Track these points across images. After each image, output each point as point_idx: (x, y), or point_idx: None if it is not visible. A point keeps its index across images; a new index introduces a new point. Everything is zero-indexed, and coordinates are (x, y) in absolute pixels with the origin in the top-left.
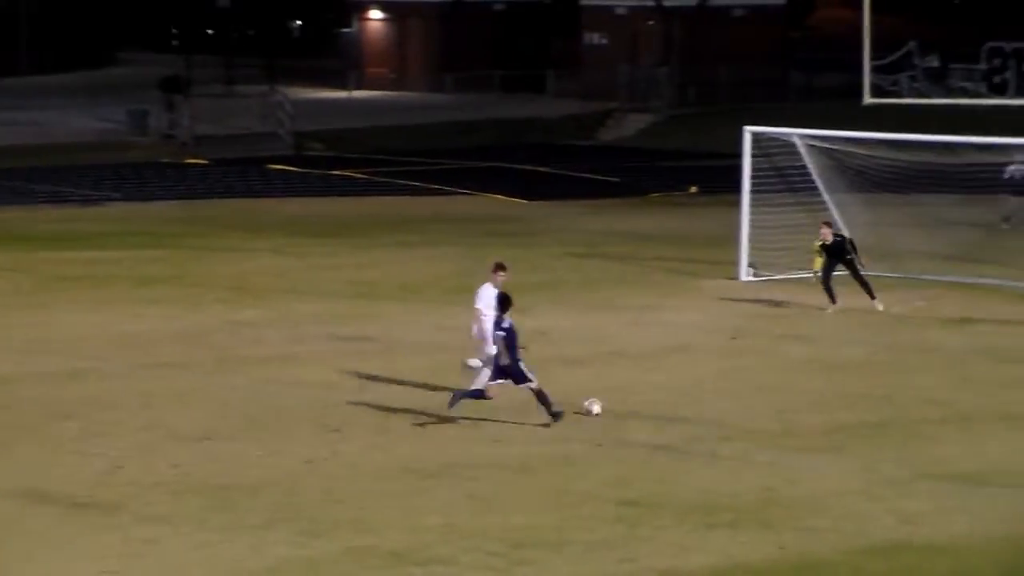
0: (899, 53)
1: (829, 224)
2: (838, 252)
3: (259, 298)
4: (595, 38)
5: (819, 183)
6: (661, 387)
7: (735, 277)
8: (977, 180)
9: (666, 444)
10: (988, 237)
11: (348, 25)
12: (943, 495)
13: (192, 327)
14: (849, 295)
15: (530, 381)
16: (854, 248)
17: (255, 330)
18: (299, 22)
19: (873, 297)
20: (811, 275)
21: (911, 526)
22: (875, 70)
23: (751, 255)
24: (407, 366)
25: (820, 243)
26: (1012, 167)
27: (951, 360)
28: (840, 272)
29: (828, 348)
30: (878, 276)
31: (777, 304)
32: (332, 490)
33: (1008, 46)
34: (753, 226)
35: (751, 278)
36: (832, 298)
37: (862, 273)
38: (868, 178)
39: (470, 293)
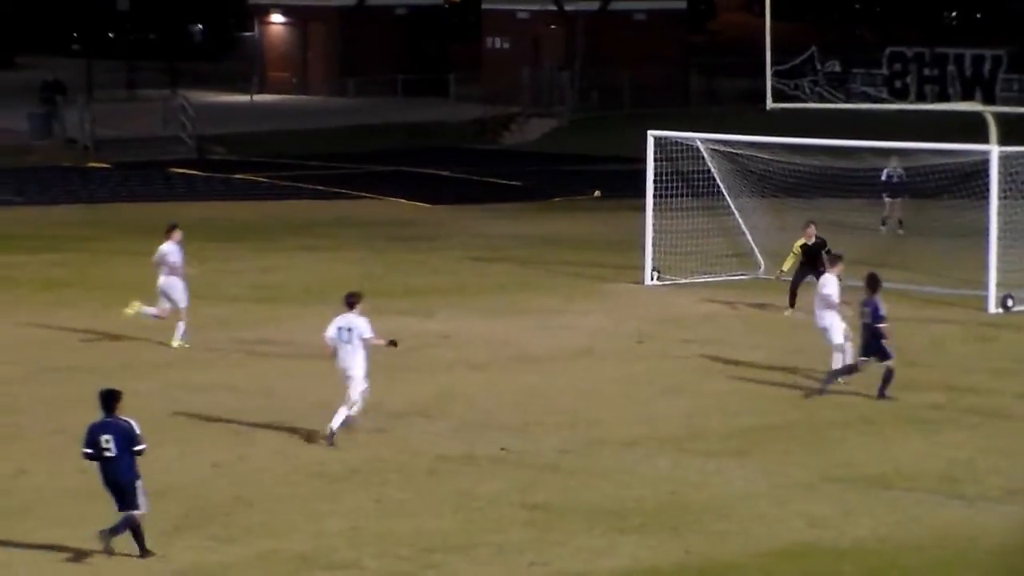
0: (801, 58)
1: (813, 224)
2: (814, 255)
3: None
4: (497, 42)
5: (722, 187)
6: (566, 391)
7: (639, 281)
8: (879, 184)
9: (572, 448)
10: (891, 241)
11: (250, 29)
12: (849, 498)
13: (95, 332)
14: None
15: (891, 358)
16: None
17: (157, 335)
18: (201, 26)
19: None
20: (778, 274)
21: (817, 529)
22: (777, 75)
23: (655, 259)
24: (311, 370)
25: (802, 243)
26: (888, 169)
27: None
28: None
29: (733, 352)
30: (785, 279)
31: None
32: (240, 495)
33: (909, 51)
34: (657, 230)
35: (655, 282)
36: (792, 302)
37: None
38: (771, 182)
39: (375, 297)
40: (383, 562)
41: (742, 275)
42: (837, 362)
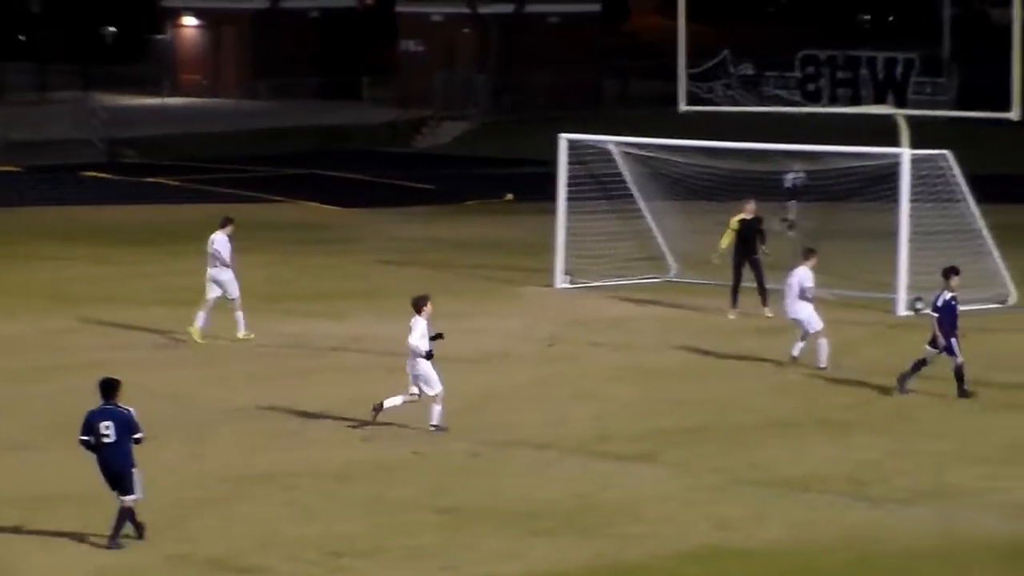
0: (714, 61)
1: (753, 200)
2: (751, 232)
3: (74, 306)
4: (411, 45)
5: (634, 190)
6: (478, 394)
7: (551, 285)
8: (792, 188)
9: (484, 451)
10: (802, 244)
11: (162, 31)
12: (760, 501)
13: (6, 336)
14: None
15: (957, 357)
16: (762, 238)
17: (70, 338)
18: (112, 28)
19: (766, 304)
20: (713, 256)
21: (727, 532)
22: (690, 77)
23: (567, 263)
24: (223, 373)
25: (740, 218)
26: (791, 175)
27: (769, 367)
28: (719, 283)
29: (645, 355)
30: (694, 283)
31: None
32: (150, 498)
33: (822, 54)
34: (569, 233)
35: (567, 285)
36: (734, 301)
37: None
38: (683, 185)
39: (286, 300)
40: (293, 566)
41: (654, 278)
42: (822, 350)
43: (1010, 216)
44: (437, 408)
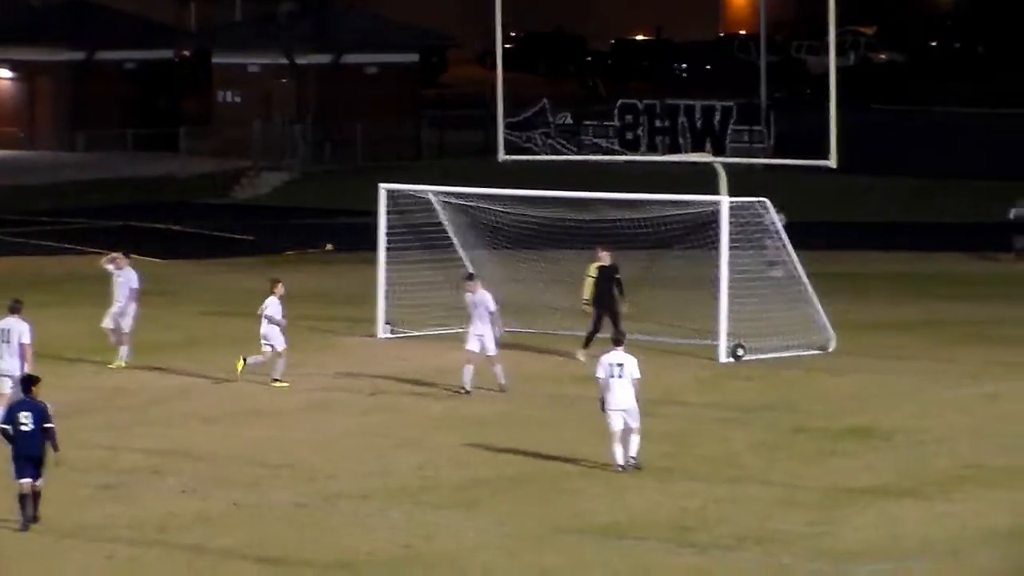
0: (533, 110)
1: (606, 248)
2: (610, 276)
3: None
4: (228, 96)
5: (455, 240)
6: (301, 444)
7: (373, 335)
8: (612, 235)
9: (306, 502)
10: (628, 292)
11: None
12: (581, 548)
13: None
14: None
15: None
16: (620, 286)
17: None
18: None
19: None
20: (583, 304)
21: None
22: (509, 127)
23: (388, 313)
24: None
25: (598, 265)
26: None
27: (588, 414)
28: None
29: (467, 404)
30: (516, 332)
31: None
32: None
33: (640, 102)
34: (390, 283)
35: (389, 335)
36: (588, 342)
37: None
38: (504, 235)
39: (107, 353)
40: None
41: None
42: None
43: (829, 264)
44: (280, 362)
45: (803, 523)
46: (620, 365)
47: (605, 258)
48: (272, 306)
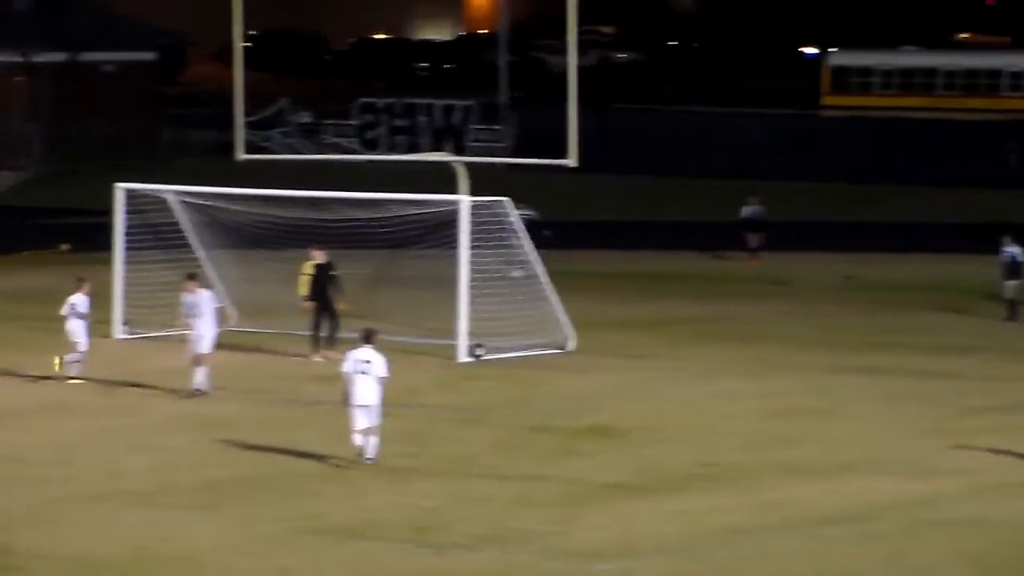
0: (272, 109)
1: (321, 247)
2: (326, 274)
3: None
4: None
5: (193, 240)
6: (33, 447)
7: (110, 335)
8: (352, 235)
9: (40, 505)
10: (362, 291)
11: None
12: (320, 550)
13: None
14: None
15: None
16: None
17: None
18: None
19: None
20: (301, 302)
21: None
22: (248, 126)
23: (125, 313)
24: None
25: (313, 263)
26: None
27: (326, 415)
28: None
29: (203, 405)
30: (253, 332)
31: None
32: None
33: (380, 102)
34: (128, 284)
35: (126, 336)
36: (317, 348)
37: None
38: (243, 234)
39: None
40: None
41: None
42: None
43: (569, 263)
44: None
45: (539, 522)
46: (367, 362)
47: (319, 256)
48: (80, 304)
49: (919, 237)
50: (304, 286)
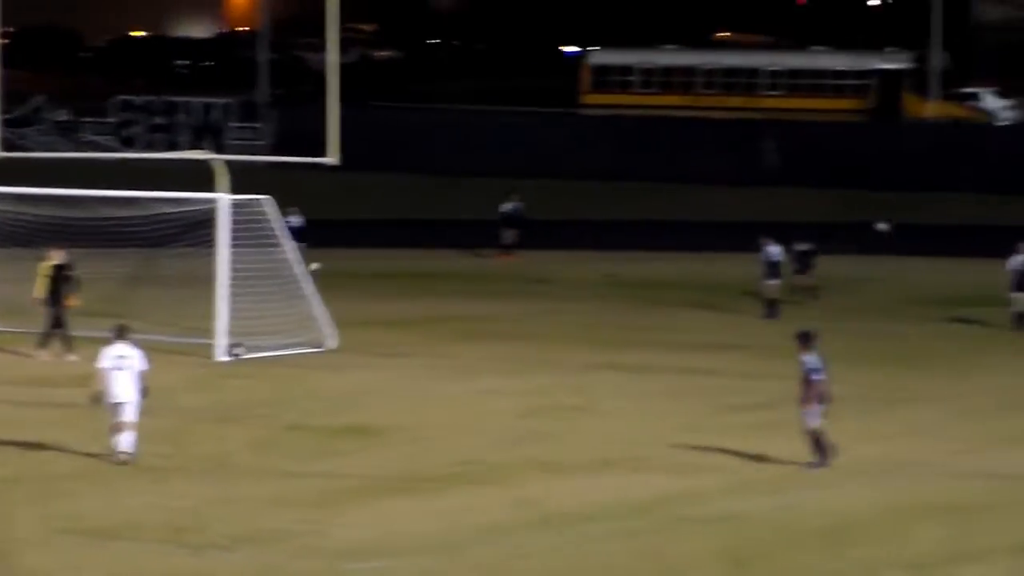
0: (28, 106)
1: (61, 248)
2: (62, 274)
3: None
4: None
5: None
6: None
7: None
8: (110, 233)
9: None
10: (117, 291)
11: None
12: (76, 550)
13: None
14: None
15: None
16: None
17: None
18: None
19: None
20: (38, 303)
21: None
22: (4, 124)
23: None
24: None
25: (53, 263)
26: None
27: (81, 415)
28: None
29: None
30: (7, 332)
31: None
32: None
33: (138, 99)
34: None
35: None
36: (44, 343)
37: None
38: None
39: None
40: None
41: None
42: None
43: (332, 261)
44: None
45: (296, 521)
46: (123, 357)
47: (57, 256)
48: None
49: (678, 235)
50: (41, 287)
